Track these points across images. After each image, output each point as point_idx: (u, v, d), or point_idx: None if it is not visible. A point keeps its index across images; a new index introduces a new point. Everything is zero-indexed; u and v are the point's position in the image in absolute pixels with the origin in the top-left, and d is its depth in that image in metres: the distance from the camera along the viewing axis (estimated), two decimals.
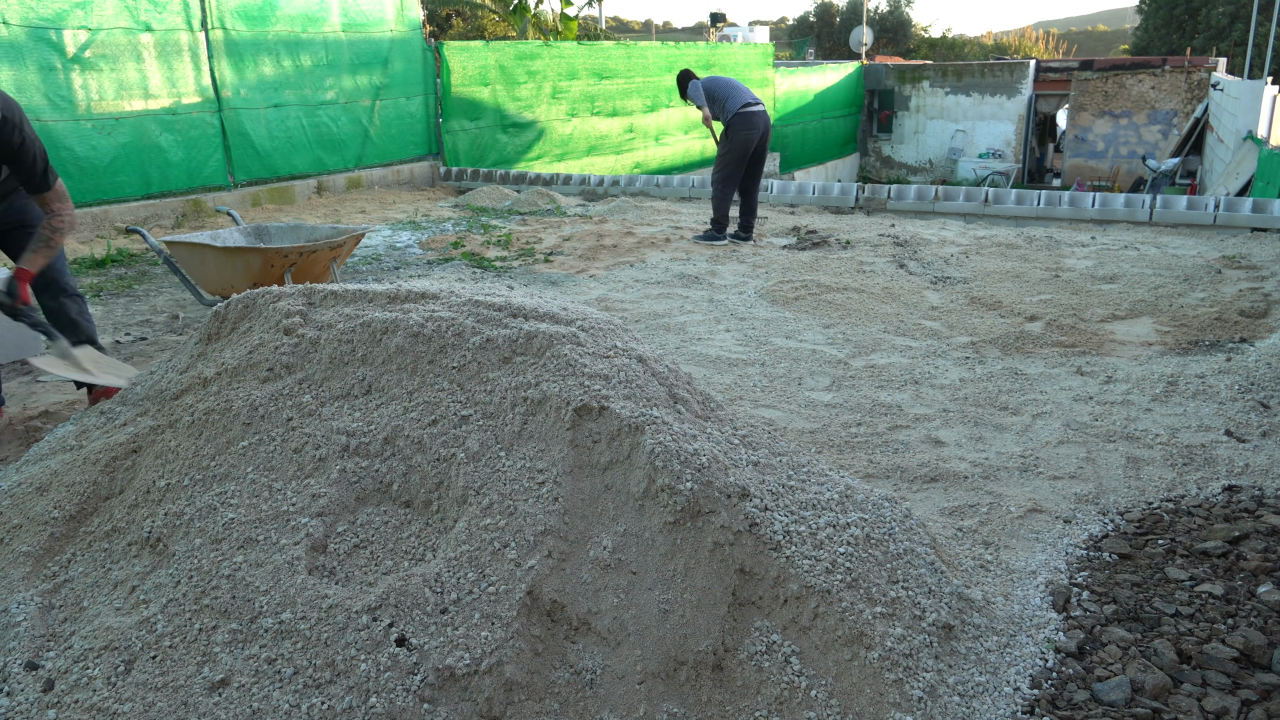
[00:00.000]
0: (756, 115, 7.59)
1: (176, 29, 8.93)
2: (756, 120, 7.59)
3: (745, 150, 7.65)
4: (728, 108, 7.58)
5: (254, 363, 2.58)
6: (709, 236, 7.81)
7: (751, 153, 7.68)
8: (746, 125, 7.58)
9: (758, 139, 7.65)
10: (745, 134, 7.59)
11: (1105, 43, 65.71)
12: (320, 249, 5.04)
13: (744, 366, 4.60)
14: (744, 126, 7.58)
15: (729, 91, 7.62)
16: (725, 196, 7.76)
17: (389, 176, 11.35)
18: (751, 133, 7.60)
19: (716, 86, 7.67)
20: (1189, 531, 2.88)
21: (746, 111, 7.57)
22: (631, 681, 1.97)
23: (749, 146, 7.65)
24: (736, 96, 7.59)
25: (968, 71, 21.97)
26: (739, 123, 7.57)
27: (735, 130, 7.59)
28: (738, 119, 7.57)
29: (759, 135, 7.64)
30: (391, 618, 1.92)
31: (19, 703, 1.92)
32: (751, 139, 7.62)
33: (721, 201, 7.76)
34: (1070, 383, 4.31)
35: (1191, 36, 30.86)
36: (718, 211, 7.78)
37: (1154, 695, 2.13)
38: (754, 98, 7.68)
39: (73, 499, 2.40)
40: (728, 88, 7.64)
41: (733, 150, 7.66)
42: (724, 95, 7.60)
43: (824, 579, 2.14)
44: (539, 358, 2.45)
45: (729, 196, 7.77)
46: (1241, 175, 12.35)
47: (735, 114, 7.56)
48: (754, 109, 7.60)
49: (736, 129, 7.59)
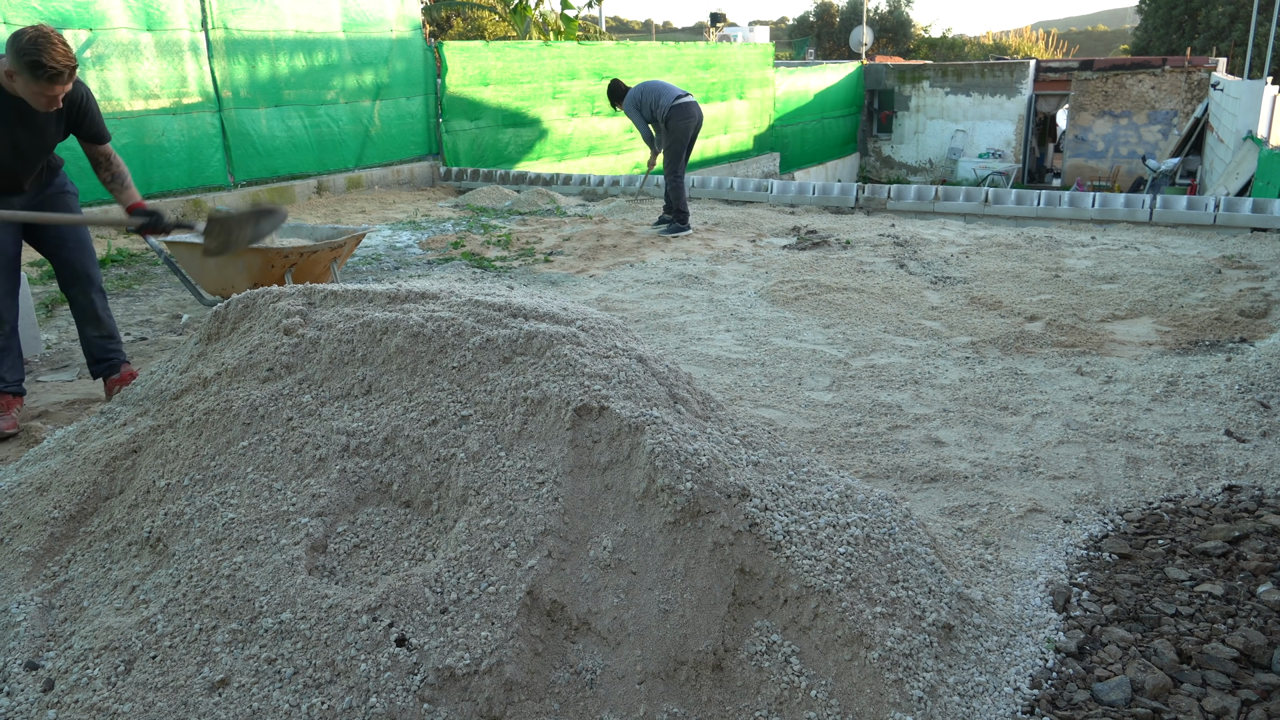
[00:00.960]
0: (690, 106, 8.12)
1: (177, 28, 8.93)
2: (691, 110, 8.11)
3: (685, 138, 8.15)
4: (662, 103, 8.05)
5: (254, 363, 2.58)
6: (672, 229, 8.21)
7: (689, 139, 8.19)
8: (684, 115, 8.08)
9: (695, 126, 8.16)
10: (683, 124, 8.10)
11: (1105, 43, 65.71)
12: (320, 249, 5.04)
13: (744, 366, 4.60)
14: (682, 117, 8.08)
15: (658, 91, 8.12)
16: (680, 186, 8.23)
17: (389, 176, 11.35)
18: (688, 121, 8.11)
19: (645, 92, 8.16)
20: (1189, 531, 2.88)
21: (681, 103, 8.07)
22: (631, 681, 1.97)
23: (688, 134, 8.15)
24: (667, 93, 8.09)
25: (968, 71, 21.97)
26: (676, 114, 8.06)
27: (674, 122, 8.07)
28: (674, 111, 8.05)
29: (695, 123, 8.15)
30: (391, 618, 1.92)
31: (19, 703, 1.92)
32: (689, 127, 8.13)
33: (678, 192, 8.22)
34: (1070, 383, 4.31)
35: (1191, 36, 30.86)
36: (678, 202, 8.24)
37: (1154, 695, 2.13)
38: (683, 91, 8.19)
39: (73, 499, 2.40)
40: (656, 89, 8.14)
41: (675, 140, 8.15)
42: (655, 97, 8.10)
43: (824, 579, 2.14)
44: (539, 358, 2.45)
45: (683, 185, 8.25)
46: (1241, 175, 12.35)
47: (671, 107, 8.04)
48: (686, 100, 8.11)
49: (675, 120, 8.06)
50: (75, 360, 4.87)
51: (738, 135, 17.57)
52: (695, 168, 15.95)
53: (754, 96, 17.82)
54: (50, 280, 6.12)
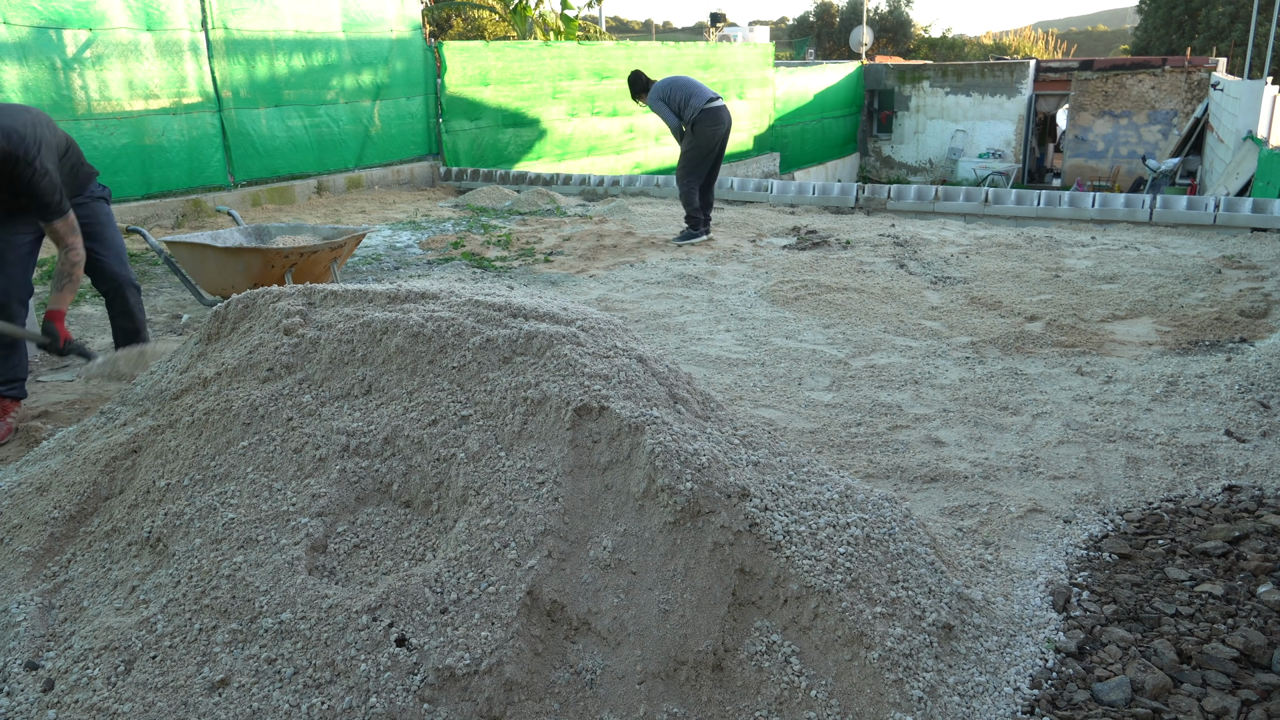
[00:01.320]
0: (721, 111, 7.67)
1: (177, 28, 8.93)
2: (721, 116, 7.66)
3: (710, 146, 7.72)
4: (692, 104, 7.59)
5: (254, 363, 2.58)
6: (687, 235, 7.84)
7: (715, 149, 7.76)
8: (713, 121, 7.63)
9: (722, 135, 7.73)
10: (711, 130, 7.65)
11: (1105, 43, 65.70)
12: (321, 249, 5.04)
13: (744, 366, 4.60)
14: (711, 123, 7.63)
15: (690, 89, 7.65)
16: (693, 191, 7.80)
17: (389, 176, 11.35)
18: (717, 128, 7.67)
19: (675, 88, 7.68)
20: (1189, 531, 2.88)
21: (712, 108, 7.63)
22: (631, 681, 1.97)
23: (714, 143, 7.72)
24: (700, 93, 7.63)
25: (968, 71, 21.97)
26: (706, 119, 7.61)
27: (702, 127, 7.63)
28: (704, 115, 7.59)
29: (724, 131, 7.72)
30: (391, 618, 1.92)
31: (19, 703, 1.92)
32: (717, 134, 7.69)
33: (690, 197, 7.81)
34: (1070, 383, 4.31)
35: (1191, 36, 30.86)
36: (690, 208, 7.83)
37: (1154, 695, 2.13)
38: (715, 94, 7.74)
39: (73, 499, 2.40)
40: (687, 87, 7.68)
41: (698, 146, 7.70)
42: (685, 94, 7.63)
43: (824, 579, 2.14)
44: (539, 358, 2.45)
45: (695, 190, 7.81)
46: (1241, 175, 12.35)
47: (701, 110, 7.58)
48: (717, 104, 7.67)
49: (703, 125, 7.62)
50: (75, 360, 4.87)
51: (738, 135, 17.54)
52: None
53: (754, 96, 17.82)
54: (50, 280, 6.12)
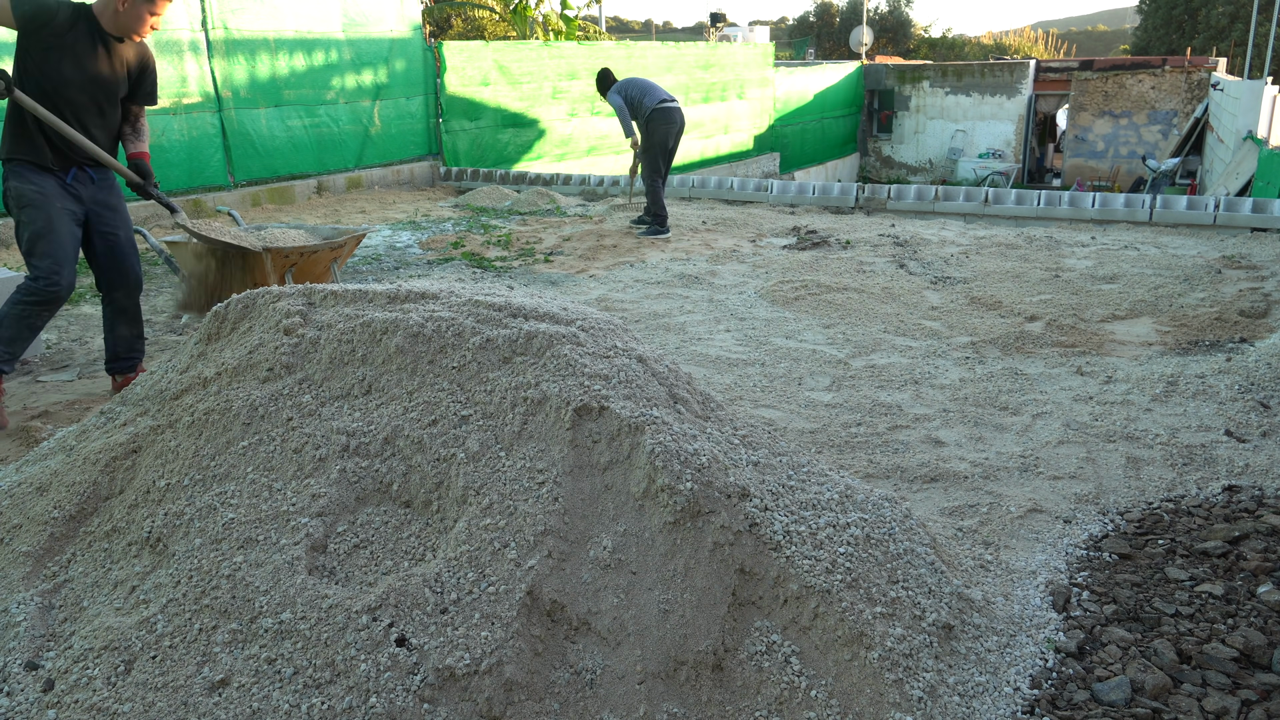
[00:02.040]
0: (673, 110, 8.07)
1: (177, 28, 8.92)
2: (673, 115, 8.07)
3: (665, 143, 8.12)
4: (645, 103, 8.01)
5: (254, 363, 2.58)
6: (652, 231, 8.14)
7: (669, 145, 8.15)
8: (665, 120, 8.04)
9: (675, 133, 8.12)
10: (664, 128, 8.06)
11: (1105, 43, 65.71)
12: (321, 249, 5.04)
13: (744, 366, 4.60)
14: (663, 121, 8.04)
15: (645, 89, 8.09)
16: (659, 189, 8.18)
17: (389, 176, 11.35)
18: (669, 127, 8.06)
19: (632, 88, 8.12)
20: (1189, 531, 2.88)
21: (664, 107, 8.03)
22: (631, 681, 1.97)
23: (668, 140, 8.11)
24: (653, 93, 8.06)
25: (968, 71, 21.97)
26: (658, 117, 8.01)
27: (655, 125, 8.03)
28: (656, 114, 8.00)
29: (676, 129, 8.11)
30: (391, 618, 1.92)
31: (19, 703, 1.92)
32: (670, 133, 8.09)
33: (656, 194, 8.15)
34: (1070, 383, 4.31)
35: (1191, 36, 30.87)
36: (656, 205, 8.16)
37: (1154, 695, 2.13)
38: (670, 95, 8.15)
39: (73, 499, 2.40)
40: (643, 88, 8.11)
41: (654, 144, 8.11)
42: (640, 94, 8.06)
43: (824, 579, 2.14)
44: (539, 358, 2.45)
45: (661, 188, 8.19)
46: (1241, 175, 12.36)
47: (653, 110, 7.99)
48: (670, 104, 8.06)
49: (655, 123, 8.03)
50: (75, 360, 4.87)
51: (738, 135, 17.57)
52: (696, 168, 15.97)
53: (754, 96, 17.82)
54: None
